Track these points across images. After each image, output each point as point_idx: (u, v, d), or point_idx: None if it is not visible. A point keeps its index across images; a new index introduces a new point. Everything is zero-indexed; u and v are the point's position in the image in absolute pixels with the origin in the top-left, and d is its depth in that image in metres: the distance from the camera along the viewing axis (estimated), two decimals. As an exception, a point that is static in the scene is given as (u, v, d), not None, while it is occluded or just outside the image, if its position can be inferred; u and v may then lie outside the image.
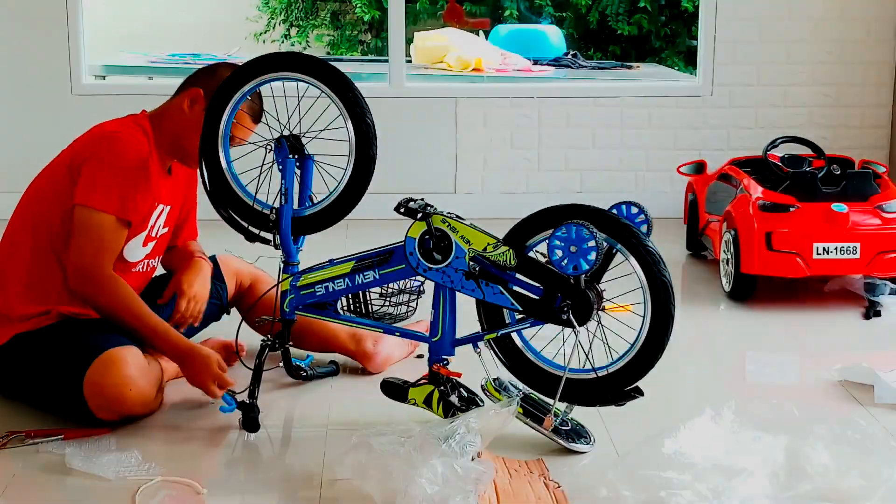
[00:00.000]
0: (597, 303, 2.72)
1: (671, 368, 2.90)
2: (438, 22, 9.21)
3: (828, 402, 3.19)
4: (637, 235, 2.70)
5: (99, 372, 2.85)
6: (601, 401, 2.79)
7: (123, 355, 2.89)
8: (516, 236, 2.79)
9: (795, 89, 5.63)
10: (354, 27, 9.81)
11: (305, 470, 2.72)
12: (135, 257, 3.13)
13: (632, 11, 9.48)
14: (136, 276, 3.16)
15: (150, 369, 2.99)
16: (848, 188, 4.13)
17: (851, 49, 5.61)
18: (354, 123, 2.95)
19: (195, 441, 2.91)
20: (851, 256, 4.02)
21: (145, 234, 3.11)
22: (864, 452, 2.81)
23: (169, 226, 3.22)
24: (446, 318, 2.84)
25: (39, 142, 5.40)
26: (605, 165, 5.66)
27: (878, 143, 5.67)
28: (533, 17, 9.63)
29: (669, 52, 9.56)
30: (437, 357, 2.87)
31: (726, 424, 2.99)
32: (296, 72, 2.98)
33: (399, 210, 2.81)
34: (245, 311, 3.38)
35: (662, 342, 2.72)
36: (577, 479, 2.61)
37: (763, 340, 3.82)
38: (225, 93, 3.03)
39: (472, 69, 7.15)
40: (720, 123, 5.63)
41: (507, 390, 2.85)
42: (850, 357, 3.42)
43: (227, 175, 3.05)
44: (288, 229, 3.00)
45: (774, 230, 4.03)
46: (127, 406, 2.90)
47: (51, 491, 2.63)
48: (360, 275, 2.90)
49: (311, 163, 3.04)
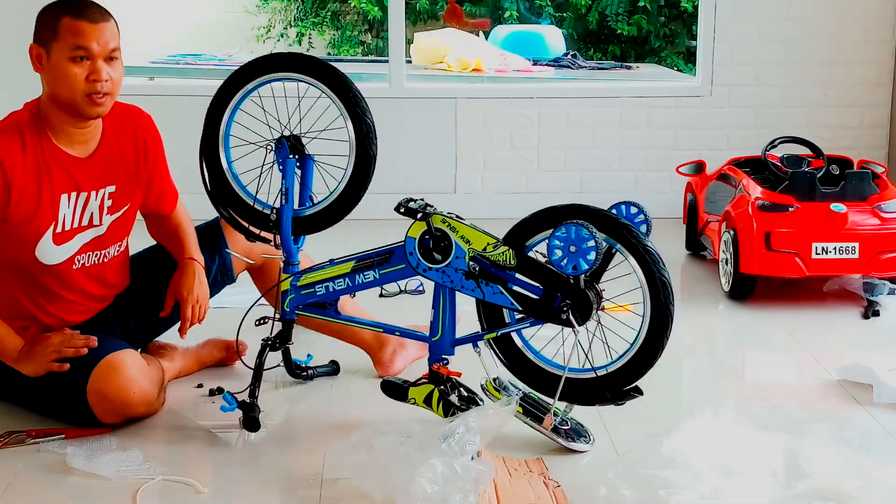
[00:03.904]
0: (596, 302, 2.72)
1: (670, 368, 2.90)
2: (439, 22, 9.22)
3: (827, 401, 3.20)
4: (636, 235, 2.70)
5: (101, 379, 2.85)
6: (601, 400, 2.80)
7: (123, 359, 2.89)
8: (516, 236, 2.79)
9: (795, 89, 5.63)
10: (354, 27, 9.81)
11: (305, 470, 2.72)
12: (54, 257, 2.92)
13: (631, 12, 9.49)
14: (78, 274, 2.99)
15: (151, 370, 2.99)
16: (847, 188, 4.13)
17: (850, 49, 5.61)
18: (354, 123, 2.95)
19: (195, 441, 2.91)
20: (850, 256, 4.02)
21: (51, 232, 2.89)
22: (863, 452, 2.82)
23: (124, 206, 3.03)
24: (446, 317, 2.84)
25: (40, 142, 5.44)
26: (604, 165, 5.66)
27: (877, 143, 5.67)
28: (532, 18, 9.64)
29: (669, 52, 9.57)
30: (436, 357, 2.87)
31: (725, 424, 3.00)
32: (296, 72, 2.99)
33: (399, 210, 2.81)
34: (259, 286, 3.32)
35: (662, 342, 2.72)
36: (576, 478, 2.62)
37: (762, 340, 3.82)
38: (225, 93, 3.04)
39: (472, 70, 7.16)
40: (719, 124, 5.64)
41: (506, 390, 2.85)
42: (849, 357, 3.42)
43: (228, 175, 3.06)
44: (288, 229, 3.01)
45: (773, 230, 4.03)
46: (131, 409, 2.90)
47: (52, 491, 2.63)
48: (361, 275, 2.91)
49: (311, 163, 3.04)
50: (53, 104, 2.89)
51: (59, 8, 2.86)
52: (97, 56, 2.84)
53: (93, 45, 2.83)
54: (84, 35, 2.83)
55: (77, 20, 2.83)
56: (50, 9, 2.88)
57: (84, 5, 2.88)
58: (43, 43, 2.86)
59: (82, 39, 2.83)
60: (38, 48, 2.88)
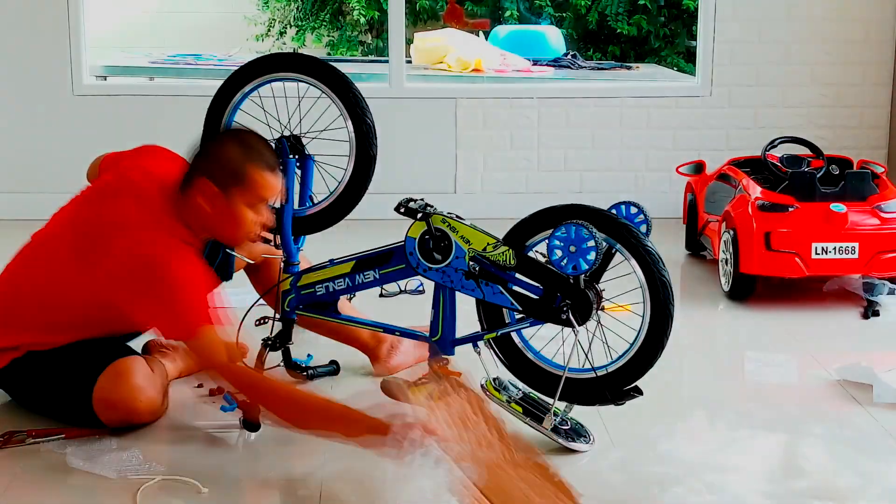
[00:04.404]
0: (596, 302, 2.73)
1: (670, 368, 2.90)
2: (439, 22, 9.22)
3: (826, 401, 3.20)
4: (636, 235, 2.71)
5: (107, 387, 2.84)
6: (600, 400, 2.80)
7: (130, 366, 2.88)
8: (516, 236, 2.79)
9: (794, 90, 5.63)
10: (354, 28, 9.81)
11: (305, 470, 2.72)
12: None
13: (631, 11, 9.49)
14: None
15: (156, 376, 2.98)
16: (846, 188, 4.13)
17: (851, 49, 5.61)
18: (354, 123, 2.96)
19: (195, 441, 2.91)
20: (850, 256, 4.02)
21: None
22: (861, 451, 2.82)
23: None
24: (446, 317, 2.84)
25: (41, 142, 5.45)
26: (604, 165, 5.66)
27: (877, 143, 5.67)
28: (532, 18, 9.64)
29: (669, 52, 9.57)
30: (437, 357, 2.87)
31: (725, 423, 3.00)
32: (296, 72, 2.99)
33: (399, 210, 2.81)
34: (257, 286, 3.32)
35: (661, 342, 2.72)
36: (576, 477, 2.62)
37: (762, 340, 3.82)
38: (225, 93, 3.04)
39: (472, 70, 7.16)
40: (719, 124, 5.64)
41: (506, 390, 2.85)
42: (849, 357, 3.42)
43: (228, 175, 3.06)
44: (288, 229, 3.01)
45: (773, 230, 4.04)
46: (138, 417, 2.89)
47: (52, 490, 2.62)
48: (361, 274, 2.91)
49: (311, 163, 3.05)
50: (202, 226, 2.83)
51: (243, 154, 2.76)
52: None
53: (273, 196, 2.83)
54: (272, 189, 2.80)
55: (267, 173, 2.77)
56: (234, 150, 2.78)
57: (271, 155, 2.81)
58: (221, 185, 2.76)
59: (269, 193, 2.80)
60: (212, 187, 2.76)
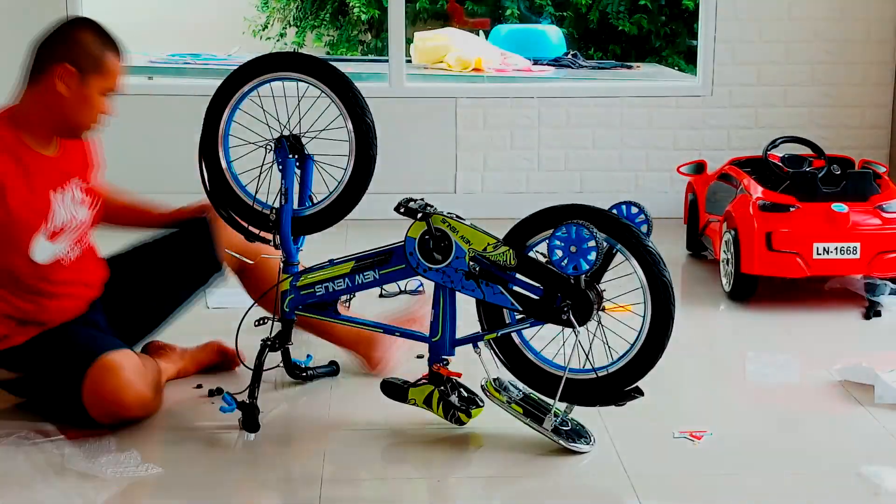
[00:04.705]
0: (597, 303, 2.72)
1: (671, 368, 2.89)
2: (439, 22, 9.22)
3: (827, 402, 3.19)
4: (637, 235, 2.70)
5: (96, 380, 2.83)
6: (601, 401, 2.79)
7: (119, 360, 2.87)
8: (516, 236, 2.79)
9: (795, 89, 5.62)
10: (354, 26, 9.81)
11: (305, 470, 2.72)
12: (46, 255, 2.92)
13: (632, 11, 9.49)
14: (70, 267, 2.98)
15: (148, 371, 2.97)
16: (848, 188, 4.13)
17: (851, 49, 5.60)
18: (354, 123, 2.95)
19: (195, 441, 2.90)
20: (851, 256, 4.01)
21: (45, 232, 2.90)
22: (863, 452, 2.82)
23: (93, 196, 3.05)
24: (446, 318, 2.84)
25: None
26: (604, 165, 5.66)
27: (878, 143, 5.67)
28: (533, 17, 9.64)
29: (670, 52, 9.57)
30: (437, 357, 2.87)
31: (725, 423, 2.99)
32: (296, 72, 2.98)
33: (399, 210, 2.81)
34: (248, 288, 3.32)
35: (662, 342, 2.72)
36: (577, 478, 2.61)
37: (763, 340, 3.81)
38: (225, 93, 3.04)
39: (472, 69, 7.16)
40: (720, 123, 5.63)
41: (507, 390, 2.85)
42: (851, 357, 3.41)
43: (227, 175, 3.05)
44: (288, 229, 3.00)
45: (774, 230, 4.03)
46: (126, 412, 2.88)
47: (50, 490, 2.62)
48: (361, 275, 2.90)
49: (311, 163, 3.04)
50: (48, 117, 2.88)
51: (101, 42, 2.90)
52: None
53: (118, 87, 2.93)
54: (120, 77, 2.92)
55: (120, 63, 2.91)
56: (92, 38, 2.89)
57: (121, 45, 2.94)
58: (80, 69, 2.85)
59: (119, 82, 2.92)
60: (71, 71, 2.85)
